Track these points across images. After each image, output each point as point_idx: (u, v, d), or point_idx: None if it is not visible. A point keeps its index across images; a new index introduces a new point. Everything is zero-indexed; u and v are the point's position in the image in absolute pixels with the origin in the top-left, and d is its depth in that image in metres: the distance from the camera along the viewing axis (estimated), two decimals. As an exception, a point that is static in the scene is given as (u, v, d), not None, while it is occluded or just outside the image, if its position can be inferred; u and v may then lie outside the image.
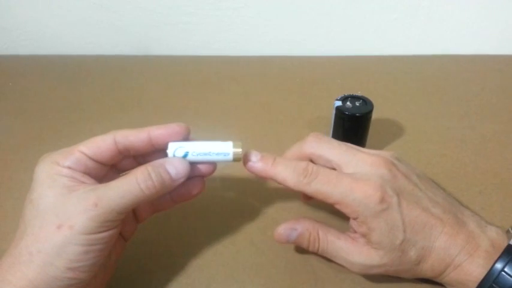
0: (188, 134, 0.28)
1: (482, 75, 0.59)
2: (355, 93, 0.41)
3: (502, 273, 0.25)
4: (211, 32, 0.64)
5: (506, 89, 0.55)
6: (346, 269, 0.30)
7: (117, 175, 0.29)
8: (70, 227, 0.23)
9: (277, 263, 0.32)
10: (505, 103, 0.52)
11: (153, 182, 0.25)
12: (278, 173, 0.29)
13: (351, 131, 0.40)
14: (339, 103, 0.40)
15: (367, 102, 0.40)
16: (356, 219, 0.28)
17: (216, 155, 0.28)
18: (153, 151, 0.29)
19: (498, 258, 0.26)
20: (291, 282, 0.31)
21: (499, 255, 0.26)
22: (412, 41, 0.64)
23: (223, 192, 0.39)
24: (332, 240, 0.30)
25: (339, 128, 0.40)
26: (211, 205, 0.37)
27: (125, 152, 0.28)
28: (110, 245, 0.26)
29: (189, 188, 0.29)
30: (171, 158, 0.27)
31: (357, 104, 0.40)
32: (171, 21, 0.63)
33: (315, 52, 0.65)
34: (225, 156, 0.28)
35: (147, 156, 0.29)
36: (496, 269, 0.26)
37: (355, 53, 0.65)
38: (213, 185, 0.30)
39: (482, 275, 0.26)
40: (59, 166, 0.25)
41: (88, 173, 0.26)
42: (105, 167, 0.28)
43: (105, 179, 0.28)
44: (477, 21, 0.62)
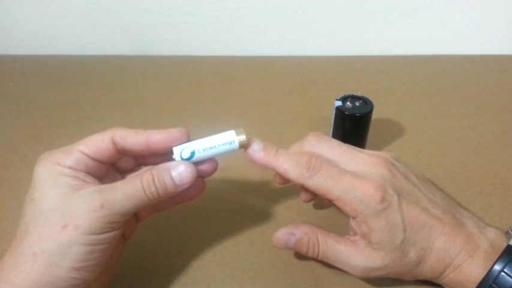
0: (188, 139, 0.28)
1: (482, 75, 0.59)
2: (355, 93, 0.41)
3: (502, 274, 0.25)
4: (211, 32, 0.64)
5: (506, 89, 0.55)
6: (346, 270, 0.30)
7: (118, 174, 0.29)
8: (75, 227, 0.23)
9: (277, 263, 0.32)
10: (505, 103, 0.52)
11: (156, 188, 0.25)
12: (280, 163, 0.28)
13: (351, 131, 0.40)
14: (339, 103, 0.40)
15: (367, 102, 0.40)
16: (355, 218, 0.28)
17: (222, 145, 0.27)
18: (152, 154, 0.28)
19: (498, 258, 0.26)
20: (291, 282, 0.31)
21: (498, 256, 0.26)
22: (412, 41, 0.64)
23: (223, 192, 0.39)
24: (332, 245, 0.29)
25: (339, 128, 0.40)
26: (211, 205, 0.37)
27: (123, 152, 0.27)
28: (113, 245, 0.26)
29: (188, 189, 0.29)
30: (178, 163, 0.27)
31: (357, 104, 0.40)
32: (171, 21, 0.63)
33: (315, 52, 0.65)
34: (231, 145, 0.27)
35: (146, 158, 0.29)
36: (495, 269, 0.26)
37: (355, 53, 0.65)
38: (213, 185, 0.30)
39: (481, 275, 0.26)
40: (60, 166, 0.25)
41: (89, 172, 0.26)
42: (105, 166, 0.27)
43: (105, 177, 0.28)
44: (477, 21, 0.62)
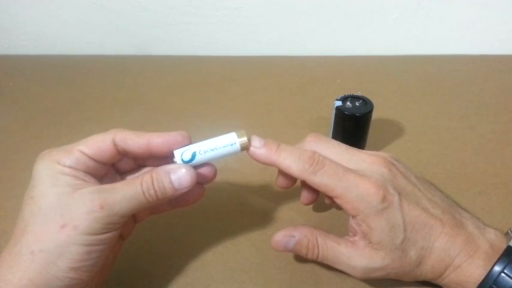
0: (189, 143, 0.27)
1: (482, 75, 0.58)
2: (355, 93, 0.41)
3: (502, 275, 0.25)
4: (211, 32, 0.64)
5: (506, 89, 0.55)
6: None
7: (118, 175, 0.29)
8: (74, 227, 0.23)
9: (277, 263, 0.32)
10: (505, 103, 0.52)
11: (155, 191, 0.25)
12: (282, 159, 0.28)
13: (351, 131, 0.40)
14: (339, 103, 0.40)
15: (367, 102, 0.40)
16: (356, 217, 0.28)
17: (223, 147, 0.27)
18: (152, 157, 0.28)
19: (498, 259, 0.26)
20: (291, 282, 0.31)
21: (498, 256, 0.26)
22: (412, 41, 0.64)
23: (223, 192, 0.39)
24: (332, 246, 0.29)
25: (339, 128, 0.40)
26: (211, 205, 0.37)
27: (124, 153, 0.27)
28: (111, 245, 0.26)
29: (187, 195, 0.28)
30: (178, 166, 0.26)
31: (357, 104, 0.40)
32: (171, 21, 0.63)
33: (315, 52, 0.65)
34: (232, 147, 0.27)
35: (146, 159, 0.29)
36: (496, 270, 0.26)
37: (355, 53, 0.65)
38: (213, 185, 0.30)
39: (482, 276, 0.26)
40: (60, 165, 0.25)
41: (89, 172, 0.26)
42: (105, 167, 0.27)
43: (105, 178, 0.28)
44: (477, 21, 0.62)
